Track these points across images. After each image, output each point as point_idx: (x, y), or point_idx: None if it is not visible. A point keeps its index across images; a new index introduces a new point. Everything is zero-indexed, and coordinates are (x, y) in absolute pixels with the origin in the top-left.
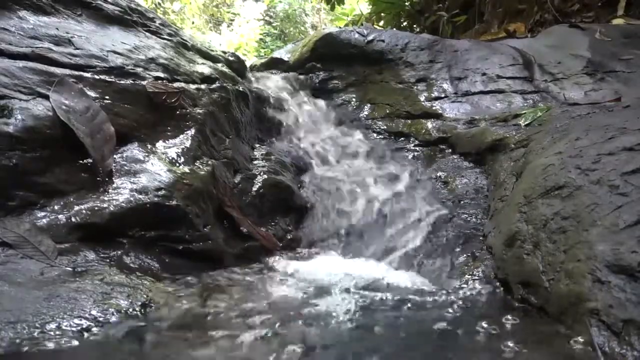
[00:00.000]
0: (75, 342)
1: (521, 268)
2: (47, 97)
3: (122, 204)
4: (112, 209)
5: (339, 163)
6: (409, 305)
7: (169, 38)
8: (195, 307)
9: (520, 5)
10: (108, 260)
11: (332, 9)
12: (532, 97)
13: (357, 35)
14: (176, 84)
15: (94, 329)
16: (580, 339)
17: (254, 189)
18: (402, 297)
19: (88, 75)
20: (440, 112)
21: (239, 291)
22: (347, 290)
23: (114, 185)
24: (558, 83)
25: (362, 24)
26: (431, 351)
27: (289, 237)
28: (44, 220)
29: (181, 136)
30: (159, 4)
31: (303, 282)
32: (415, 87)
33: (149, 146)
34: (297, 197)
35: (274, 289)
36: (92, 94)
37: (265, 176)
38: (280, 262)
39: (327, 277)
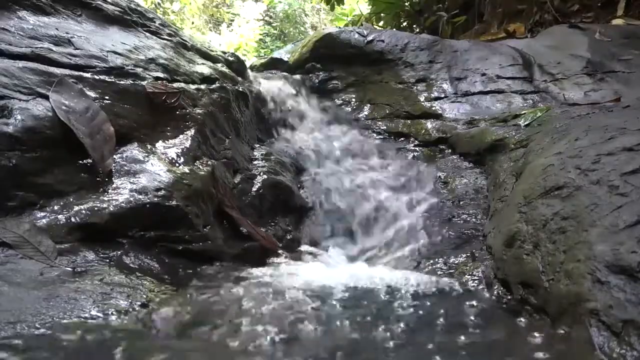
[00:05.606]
0: (75, 343)
1: (521, 268)
2: (47, 97)
3: (122, 204)
4: (111, 209)
5: (339, 163)
6: (409, 305)
7: (169, 38)
8: (195, 307)
9: (519, 6)
10: (108, 261)
11: (332, 9)
12: (531, 97)
13: (356, 36)
14: (176, 84)
15: (94, 329)
16: (579, 340)
17: (254, 189)
18: (401, 297)
19: (88, 75)
20: (440, 112)
21: (238, 292)
22: (347, 291)
23: (114, 185)
24: (558, 83)
25: (361, 24)
26: (430, 352)
27: (289, 238)
28: (44, 221)
29: (181, 136)
30: (159, 4)
31: (303, 283)
32: (415, 88)
33: (149, 146)
34: (297, 197)
35: (273, 290)
36: (91, 94)
37: (265, 176)
38: (279, 263)
39: (327, 277)
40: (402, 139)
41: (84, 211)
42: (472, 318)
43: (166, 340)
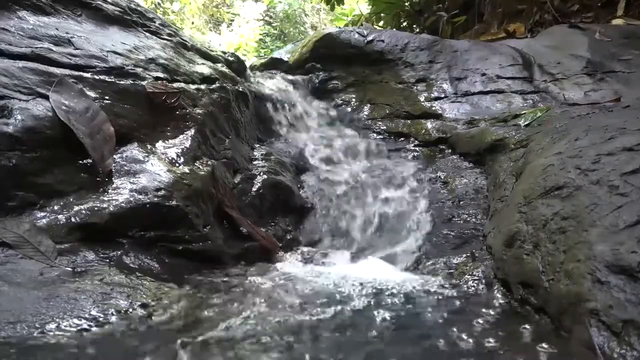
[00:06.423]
0: (75, 343)
1: (521, 268)
2: (47, 97)
3: (122, 204)
4: (111, 209)
5: (339, 163)
6: (409, 305)
7: (169, 38)
8: (195, 308)
9: (519, 6)
10: (108, 261)
11: (332, 9)
12: (531, 97)
13: (356, 36)
14: (176, 84)
15: (94, 329)
16: (579, 340)
17: (254, 189)
18: (401, 297)
19: (88, 75)
20: (440, 112)
21: (239, 292)
22: (346, 291)
23: (114, 185)
24: (558, 83)
25: (361, 24)
26: (431, 352)
27: (289, 238)
28: (44, 221)
29: (181, 136)
30: (159, 4)
31: (303, 283)
32: (415, 88)
33: (149, 146)
34: (297, 197)
35: (273, 290)
36: (91, 94)
37: (265, 176)
38: (279, 263)
39: (326, 277)
40: (402, 139)
41: (84, 211)
42: (472, 318)
43: (166, 340)
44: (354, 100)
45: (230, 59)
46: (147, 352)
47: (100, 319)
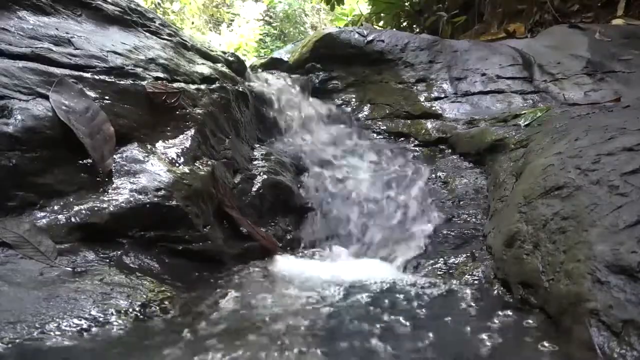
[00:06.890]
0: (75, 343)
1: (521, 268)
2: (47, 97)
3: (122, 204)
4: (111, 209)
5: (339, 163)
6: (408, 305)
7: (169, 38)
8: (195, 308)
9: (519, 6)
10: (108, 261)
11: (332, 9)
12: (531, 97)
13: (356, 36)
14: (176, 84)
15: (94, 329)
16: (579, 340)
17: (254, 189)
18: (401, 297)
19: (88, 75)
20: (440, 112)
21: (239, 292)
22: (346, 291)
23: (114, 185)
24: (558, 83)
25: (361, 24)
26: (431, 352)
27: (289, 238)
28: (44, 221)
29: (181, 136)
30: (159, 4)
31: (303, 283)
32: (415, 88)
33: (149, 146)
34: (297, 197)
35: (273, 290)
36: (91, 94)
37: (265, 176)
38: (279, 263)
39: (326, 277)
40: (402, 139)
41: (84, 211)
42: (472, 318)
43: (166, 340)
44: (354, 100)
45: (230, 59)
46: (146, 352)
47: (100, 319)
